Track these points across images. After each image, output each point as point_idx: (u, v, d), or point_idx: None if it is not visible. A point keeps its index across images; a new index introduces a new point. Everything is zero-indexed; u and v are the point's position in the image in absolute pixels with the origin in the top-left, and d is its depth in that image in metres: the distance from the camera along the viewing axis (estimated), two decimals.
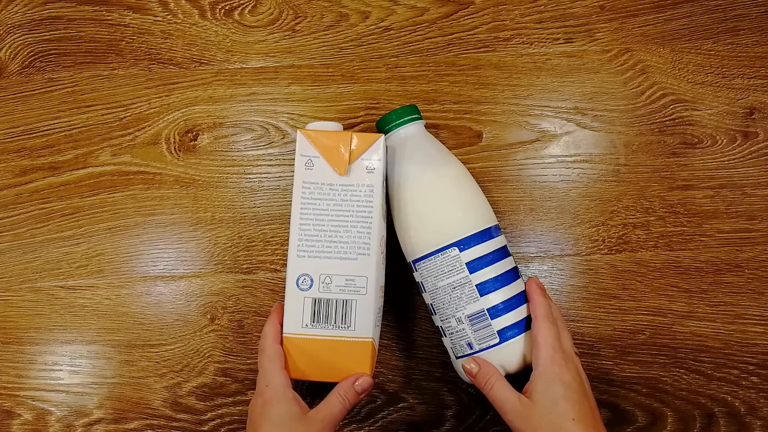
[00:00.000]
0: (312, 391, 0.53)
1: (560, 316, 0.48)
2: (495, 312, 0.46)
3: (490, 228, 0.47)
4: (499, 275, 0.46)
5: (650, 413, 0.53)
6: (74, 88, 0.58)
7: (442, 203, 0.47)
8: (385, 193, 0.48)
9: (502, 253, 0.47)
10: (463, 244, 0.46)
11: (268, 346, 0.45)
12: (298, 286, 0.46)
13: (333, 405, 0.44)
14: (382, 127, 0.50)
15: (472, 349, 0.46)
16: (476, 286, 0.46)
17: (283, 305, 0.46)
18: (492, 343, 0.46)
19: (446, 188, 0.48)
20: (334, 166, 0.46)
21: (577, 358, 0.45)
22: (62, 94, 0.58)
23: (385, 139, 0.50)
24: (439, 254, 0.46)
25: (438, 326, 0.49)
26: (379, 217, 0.46)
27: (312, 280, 0.46)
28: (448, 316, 0.47)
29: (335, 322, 0.45)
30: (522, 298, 0.47)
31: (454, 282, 0.46)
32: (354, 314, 0.45)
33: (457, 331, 0.47)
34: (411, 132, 0.49)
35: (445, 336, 0.48)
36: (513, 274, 0.47)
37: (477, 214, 0.47)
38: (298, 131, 0.47)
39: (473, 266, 0.46)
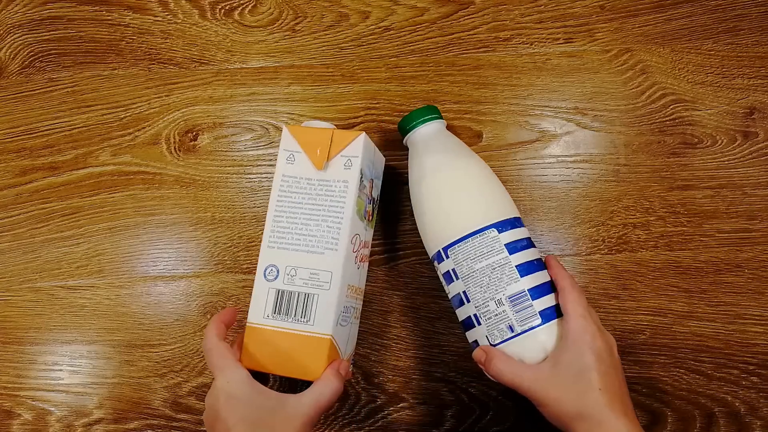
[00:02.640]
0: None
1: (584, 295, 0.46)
2: (536, 293, 0.45)
3: (518, 218, 0.48)
4: (534, 260, 0.46)
5: (650, 413, 0.53)
6: (74, 88, 0.58)
7: (479, 186, 0.48)
8: (361, 191, 0.47)
9: (530, 242, 0.48)
10: (501, 226, 0.46)
11: (214, 344, 0.44)
12: (264, 277, 0.46)
13: (325, 385, 0.43)
14: (409, 122, 0.50)
15: (513, 331, 0.45)
16: (516, 267, 0.45)
17: (225, 308, 0.46)
18: (535, 323, 0.44)
19: (480, 174, 0.48)
20: (313, 160, 0.47)
21: (611, 337, 0.44)
22: (62, 94, 0.58)
23: (409, 136, 0.51)
24: (477, 235, 0.46)
25: (469, 316, 0.47)
26: (352, 214, 0.46)
27: (278, 271, 0.46)
28: (486, 300, 0.46)
29: (295, 315, 0.45)
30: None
31: (493, 263, 0.46)
32: (314, 309, 0.45)
33: (496, 315, 0.45)
34: (435, 129, 0.51)
35: (479, 324, 0.47)
36: (542, 263, 0.48)
37: (508, 202, 0.48)
38: (284, 126, 0.47)
39: (511, 248, 0.46)
